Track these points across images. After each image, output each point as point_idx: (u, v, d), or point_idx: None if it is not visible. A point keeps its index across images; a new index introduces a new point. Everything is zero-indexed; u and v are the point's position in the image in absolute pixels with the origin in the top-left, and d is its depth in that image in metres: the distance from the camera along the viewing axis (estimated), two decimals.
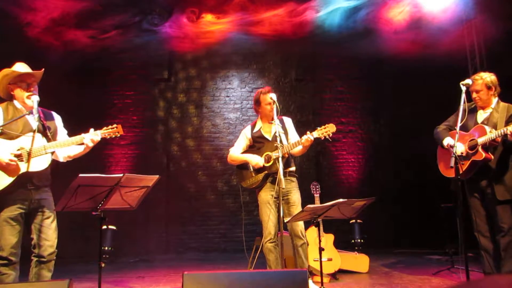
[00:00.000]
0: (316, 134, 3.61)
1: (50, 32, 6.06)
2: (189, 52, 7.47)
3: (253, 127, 4.15)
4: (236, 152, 4.10)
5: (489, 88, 3.50)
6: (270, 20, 6.54)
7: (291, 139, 3.98)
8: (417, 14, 6.30)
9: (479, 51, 6.17)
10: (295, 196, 3.86)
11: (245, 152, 4.09)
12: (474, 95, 3.56)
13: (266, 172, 3.87)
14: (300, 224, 3.78)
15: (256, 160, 3.89)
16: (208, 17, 6.57)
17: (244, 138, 4.13)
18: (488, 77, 3.52)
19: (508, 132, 3.17)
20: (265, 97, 3.89)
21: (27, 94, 3.02)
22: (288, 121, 4.12)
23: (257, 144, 4.05)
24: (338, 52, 7.59)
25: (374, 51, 6.73)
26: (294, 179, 3.94)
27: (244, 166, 4.03)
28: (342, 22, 6.55)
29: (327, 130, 3.59)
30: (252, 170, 3.94)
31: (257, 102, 4.00)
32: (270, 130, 4.01)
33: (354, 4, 6.28)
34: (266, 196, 3.87)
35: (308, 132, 3.64)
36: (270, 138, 3.97)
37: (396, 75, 7.20)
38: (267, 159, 3.87)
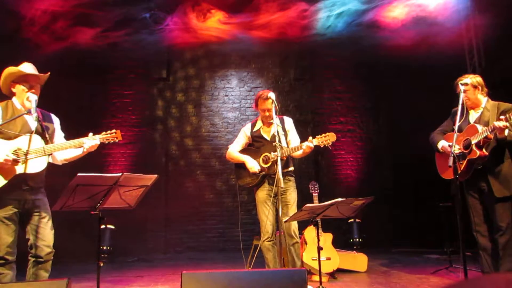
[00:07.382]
0: (316, 142, 3.59)
1: (49, 30, 6.04)
2: (189, 48, 7.45)
3: (253, 125, 4.12)
4: (235, 150, 4.08)
5: (475, 87, 3.59)
6: (278, 22, 6.50)
7: (291, 140, 3.96)
8: (417, 13, 6.30)
9: (477, 50, 6.18)
10: (292, 196, 3.86)
11: (244, 150, 4.07)
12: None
13: (263, 173, 3.87)
14: (293, 224, 3.78)
15: (251, 164, 3.87)
16: (219, 15, 6.52)
17: (243, 136, 4.12)
18: (473, 77, 3.62)
19: (497, 126, 3.21)
20: (263, 102, 3.82)
21: (27, 95, 2.95)
22: (288, 121, 4.08)
23: (256, 143, 4.03)
24: (337, 52, 7.59)
25: (373, 50, 6.73)
26: (292, 178, 3.94)
27: (242, 165, 4.01)
28: (345, 23, 6.56)
29: (327, 138, 3.58)
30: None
31: (256, 104, 3.96)
32: (269, 130, 3.97)
33: (364, 7, 6.27)
34: (263, 195, 3.87)
35: (309, 138, 3.62)
36: (269, 139, 3.94)
37: (395, 74, 7.20)
38: (265, 160, 3.86)
